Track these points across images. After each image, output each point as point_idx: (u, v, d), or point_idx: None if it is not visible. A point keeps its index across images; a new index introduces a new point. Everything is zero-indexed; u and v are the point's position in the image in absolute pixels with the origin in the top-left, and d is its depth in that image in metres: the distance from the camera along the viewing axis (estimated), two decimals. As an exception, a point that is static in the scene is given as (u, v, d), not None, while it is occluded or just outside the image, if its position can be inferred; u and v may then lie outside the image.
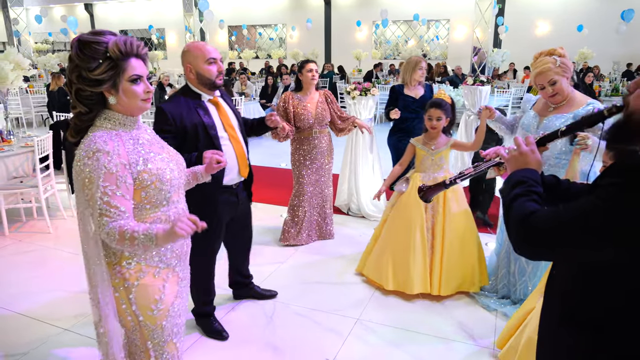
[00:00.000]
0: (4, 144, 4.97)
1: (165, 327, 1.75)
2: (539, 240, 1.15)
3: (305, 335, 2.99)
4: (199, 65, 2.58)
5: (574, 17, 15.38)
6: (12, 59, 5.15)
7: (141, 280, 1.69)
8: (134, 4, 22.25)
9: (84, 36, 1.58)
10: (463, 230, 3.32)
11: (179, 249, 1.80)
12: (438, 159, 3.37)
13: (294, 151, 4.18)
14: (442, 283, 3.29)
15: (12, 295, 3.48)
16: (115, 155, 1.56)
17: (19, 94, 10.80)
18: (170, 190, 1.70)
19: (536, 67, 2.83)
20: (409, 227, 3.33)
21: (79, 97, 1.60)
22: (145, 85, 1.65)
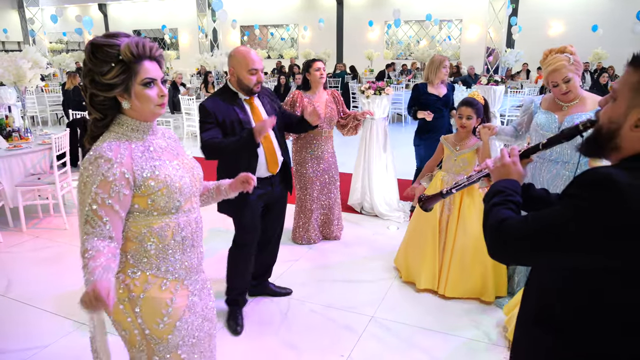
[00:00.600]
0: (22, 141, 5.05)
1: (171, 340, 1.65)
2: (510, 246, 1.21)
3: (320, 332, 3.00)
4: (241, 73, 2.77)
5: (589, 17, 15.23)
6: (30, 58, 5.23)
7: (147, 293, 1.60)
8: (147, 4, 22.42)
9: (97, 39, 1.53)
10: (478, 236, 3.22)
11: (188, 260, 1.70)
12: (460, 161, 3.33)
13: (299, 150, 4.15)
14: (448, 284, 3.32)
15: (32, 290, 3.54)
16: (116, 163, 1.50)
17: (35, 93, 10.95)
18: (179, 199, 1.62)
19: (549, 64, 2.80)
20: (423, 224, 3.43)
21: (93, 103, 1.56)
22: (159, 89, 1.58)
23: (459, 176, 3.32)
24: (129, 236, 1.59)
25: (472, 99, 3.32)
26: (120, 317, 1.61)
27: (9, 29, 21.27)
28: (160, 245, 1.61)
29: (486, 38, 14.47)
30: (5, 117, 5.41)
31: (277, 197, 3.12)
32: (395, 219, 4.86)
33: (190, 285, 1.71)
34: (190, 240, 1.69)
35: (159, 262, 1.62)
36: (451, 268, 3.31)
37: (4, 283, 3.65)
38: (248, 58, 2.75)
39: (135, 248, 1.60)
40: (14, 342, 2.93)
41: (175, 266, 1.66)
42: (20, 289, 3.57)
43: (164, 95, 1.60)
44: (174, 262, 1.65)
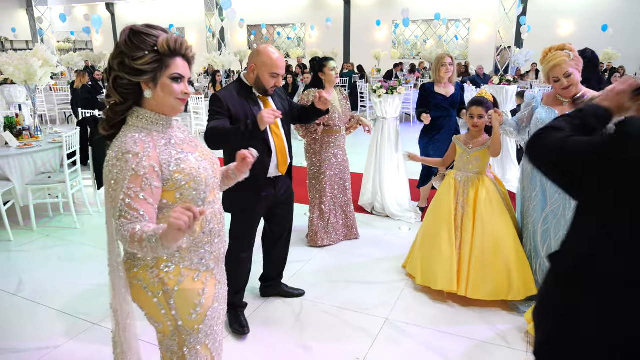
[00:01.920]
0: (32, 140, 5.04)
1: (202, 330, 1.70)
2: (550, 149, 1.29)
3: (334, 334, 2.97)
4: (263, 73, 2.73)
5: (599, 17, 15.10)
6: (40, 56, 5.22)
7: (180, 285, 1.63)
8: (155, 4, 22.46)
9: (136, 26, 1.55)
10: (497, 235, 3.16)
11: (216, 250, 1.74)
12: (474, 159, 3.30)
13: (317, 152, 4.10)
14: (469, 285, 3.18)
15: (43, 289, 3.52)
16: (145, 157, 1.51)
17: (44, 92, 10.97)
18: (205, 190, 1.64)
19: (550, 60, 2.87)
20: (437, 223, 3.36)
21: (115, 85, 1.56)
22: (184, 86, 1.61)
23: (471, 174, 3.31)
24: None
25: (482, 97, 3.31)
26: (153, 310, 1.65)
27: (18, 28, 21.38)
28: (192, 239, 1.64)
29: (496, 38, 14.37)
30: (16, 116, 5.40)
31: (282, 199, 3.05)
32: (407, 220, 4.82)
33: (218, 274, 1.78)
34: (217, 231, 1.73)
35: (192, 255, 1.65)
36: (471, 268, 3.18)
37: (15, 282, 3.64)
38: (274, 61, 2.71)
39: None
40: (26, 341, 2.91)
41: (205, 257, 1.69)
42: (31, 288, 3.55)
43: (188, 93, 1.62)
44: (204, 253, 1.69)
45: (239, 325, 2.97)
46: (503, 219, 3.21)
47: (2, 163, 4.47)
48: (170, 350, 1.73)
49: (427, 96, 4.48)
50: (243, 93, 2.78)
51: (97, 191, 5.24)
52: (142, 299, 1.65)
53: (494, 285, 3.13)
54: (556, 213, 2.99)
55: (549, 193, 3.01)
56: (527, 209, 3.17)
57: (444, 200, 3.34)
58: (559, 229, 2.99)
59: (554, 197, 2.99)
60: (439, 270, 3.25)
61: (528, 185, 3.16)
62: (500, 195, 3.29)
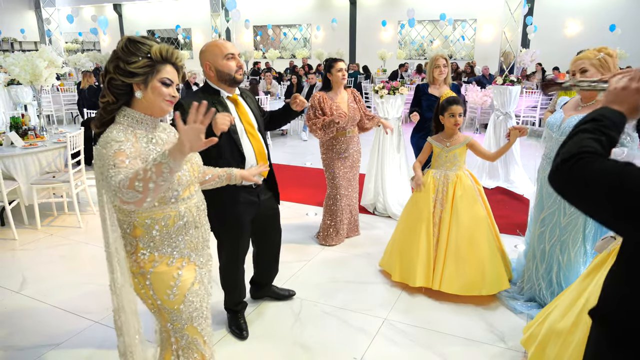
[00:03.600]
0: (37, 139, 5.09)
1: (183, 310, 1.83)
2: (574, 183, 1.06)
3: (333, 334, 2.98)
4: (218, 62, 2.57)
5: (606, 17, 14.99)
6: (46, 57, 5.27)
7: (155, 269, 1.79)
8: (161, 5, 22.56)
9: (134, 36, 1.73)
10: (472, 229, 3.27)
11: (194, 240, 1.87)
12: (452, 157, 3.39)
13: (326, 151, 4.13)
14: (443, 279, 3.26)
15: (45, 287, 3.56)
16: (128, 143, 1.66)
17: (50, 92, 11.06)
18: (178, 189, 1.77)
19: (579, 55, 2.84)
20: (415, 221, 3.41)
21: (109, 86, 1.72)
22: (173, 90, 1.77)
23: (450, 171, 3.39)
24: (137, 224, 1.77)
25: (456, 97, 3.43)
26: (136, 288, 1.83)
27: (26, 29, 21.56)
28: (165, 231, 1.79)
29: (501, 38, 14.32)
30: (22, 116, 5.46)
31: (267, 209, 2.90)
32: (409, 220, 4.81)
33: (197, 260, 1.90)
34: (192, 223, 1.85)
35: (164, 245, 1.80)
36: (446, 263, 3.27)
37: (19, 280, 3.68)
38: (221, 45, 2.58)
39: (142, 234, 1.77)
40: (28, 339, 2.94)
41: (180, 246, 1.84)
42: (34, 286, 3.59)
43: (175, 96, 1.79)
44: (179, 243, 1.83)
45: (236, 328, 2.97)
46: (478, 215, 3.32)
47: (8, 162, 4.53)
48: (157, 324, 1.93)
49: (420, 97, 4.49)
50: (209, 97, 2.55)
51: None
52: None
53: (468, 279, 3.22)
54: (551, 219, 2.99)
55: (545, 196, 3.02)
56: (533, 211, 3.18)
57: (422, 199, 3.42)
58: (553, 235, 3.00)
59: (549, 202, 3.00)
60: (418, 267, 3.32)
61: (537, 187, 3.20)
62: (475, 191, 3.38)
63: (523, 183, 5.96)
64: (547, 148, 3.04)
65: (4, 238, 4.51)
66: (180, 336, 1.88)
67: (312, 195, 5.62)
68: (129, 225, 1.78)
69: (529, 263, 3.23)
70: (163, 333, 1.93)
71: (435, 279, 3.30)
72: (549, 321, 2.47)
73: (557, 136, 2.91)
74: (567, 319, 2.36)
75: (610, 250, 2.32)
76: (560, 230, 2.95)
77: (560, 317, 2.41)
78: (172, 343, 1.90)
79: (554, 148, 2.96)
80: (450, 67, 4.53)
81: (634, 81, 1.18)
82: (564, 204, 2.90)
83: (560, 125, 2.90)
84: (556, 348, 2.37)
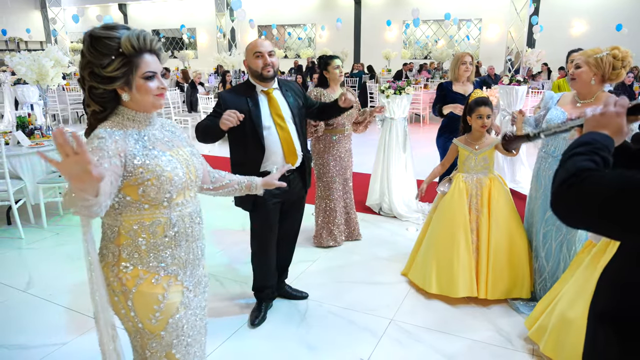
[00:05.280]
0: (44, 139, 5.11)
1: (164, 337, 1.65)
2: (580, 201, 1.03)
3: (339, 334, 2.97)
4: (249, 60, 2.82)
5: (613, 16, 14.91)
6: (52, 56, 5.29)
7: (139, 287, 1.60)
8: (166, 4, 22.61)
9: (95, 31, 1.52)
10: (510, 232, 3.18)
11: (184, 255, 1.69)
12: (482, 159, 3.27)
13: (320, 151, 4.08)
14: (489, 286, 3.16)
15: (52, 286, 3.57)
16: (111, 141, 1.51)
17: (57, 92, 11.10)
18: (170, 191, 1.60)
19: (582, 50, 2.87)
20: (452, 229, 3.23)
21: (92, 96, 1.56)
22: (159, 82, 1.60)
23: (481, 174, 3.28)
24: (122, 231, 1.60)
25: (485, 97, 3.27)
26: (115, 307, 1.63)
27: (32, 28, 21.65)
28: (152, 241, 1.62)
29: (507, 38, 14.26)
30: (28, 115, 5.48)
31: (295, 195, 3.07)
32: (414, 220, 4.80)
33: (185, 280, 1.70)
34: (184, 235, 1.68)
35: (150, 257, 1.62)
36: (489, 269, 3.16)
37: (25, 279, 3.69)
38: (253, 44, 2.82)
39: (127, 243, 1.60)
40: (35, 338, 2.95)
41: (167, 262, 1.65)
42: (41, 285, 3.60)
43: (163, 87, 1.62)
44: (166, 257, 1.64)
45: (254, 314, 3.09)
46: (514, 217, 3.24)
47: (14, 162, 4.54)
48: (135, 349, 1.72)
49: (445, 95, 4.43)
50: (244, 90, 2.85)
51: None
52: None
53: (509, 284, 3.16)
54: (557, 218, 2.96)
55: (549, 195, 2.99)
56: (533, 208, 3.16)
57: (456, 205, 3.24)
58: (559, 233, 2.98)
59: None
60: (461, 278, 3.17)
61: (534, 185, 3.17)
62: (509, 194, 3.30)
63: (529, 183, 5.92)
64: (551, 146, 3.01)
65: (11, 237, 4.53)
66: None
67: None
68: (113, 231, 1.61)
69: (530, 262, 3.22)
70: (137, 356, 1.73)
71: (480, 287, 3.17)
72: (558, 311, 2.48)
73: (564, 134, 2.88)
74: (577, 308, 2.38)
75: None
76: (566, 229, 2.94)
77: (569, 305, 2.43)
78: None
79: (559, 146, 2.94)
80: (474, 65, 4.49)
81: (609, 106, 1.21)
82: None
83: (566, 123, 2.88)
84: (570, 337, 2.38)
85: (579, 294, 2.40)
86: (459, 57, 4.37)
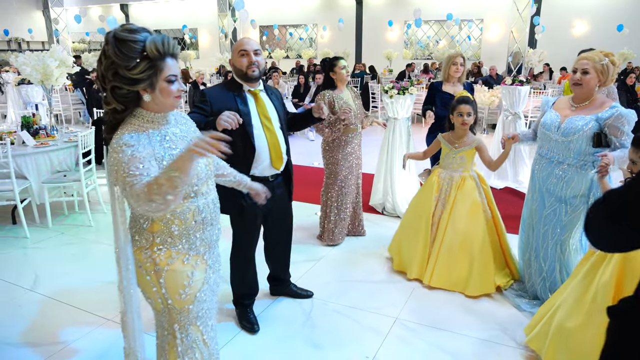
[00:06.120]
0: (49, 139, 5.12)
1: (192, 310, 1.82)
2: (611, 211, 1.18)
3: (344, 333, 2.99)
4: (234, 58, 2.75)
5: (614, 17, 14.91)
6: (57, 57, 5.31)
7: (171, 266, 1.76)
8: (168, 4, 22.63)
9: (119, 33, 1.58)
10: (467, 233, 3.36)
11: (208, 237, 1.87)
12: (459, 158, 3.43)
13: (333, 149, 4.11)
14: (434, 274, 3.45)
15: (58, 285, 3.59)
16: (141, 146, 1.62)
17: (59, 92, 11.12)
18: (197, 183, 1.76)
19: (585, 54, 2.85)
20: (417, 217, 3.57)
21: (115, 95, 1.63)
22: (179, 84, 1.71)
23: (455, 173, 3.45)
24: (155, 219, 1.74)
25: (467, 96, 3.48)
26: (146, 287, 1.79)
27: (34, 29, 21.68)
28: (183, 227, 1.78)
29: (509, 38, 14.27)
30: (33, 115, 5.50)
31: (280, 201, 2.95)
32: (418, 220, 4.82)
33: (209, 259, 1.90)
34: (209, 219, 1.86)
35: (182, 241, 1.79)
36: (438, 260, 3.44)
37: (32, 278, 3.71)
38: (238, 42, 2.75)
39: (160, 230, 1.76)
40: (41, 336, 2.97)
41: (196, 243, 1.83)
42: (47, 284, 3.62)
43: (183, 89, 1.75)
44: (195, 240, 1.82)
45: (247, 322, 3.01)
46: (475, 219, 3.39)
47: (20, 162, 4.56)
48: (161, 326, 1.87)
49: (434, 94, 4.48)
50: (232, 89, 2.75)
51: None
52: (137, 276, 1.80)
53: (454, 278, 3.41)
54: (552, 217, 3.01)
55: (546, 196, 3.03)
56: (532, 210, 3.18)
57: (425, 197, 3.54)
58: (555, 233, 3.01)
59: (550, 201, 3.01)
60: (415, 261, 3.54)
61: (530, 186, 3.22)
62: (478, 195, 3.42)
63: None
64: (544, 148, 3.04)
65: (16, 236, 4.55)
66: (185, 336, 1.86)
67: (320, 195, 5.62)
68: (147, 220, 1.75)
69: (529, 262, 3.25)
70: (169, 336, 1.87)
71: (426, 273, 3.48)
72: (557, 320, 2.50)
73: (556, 137, 2.92)
74: (576, 317, 2.40)
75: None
76: (561, 229, 2.98)
77: (568, 315, 2.44)
78: (177, 345, 1.86)
79: (553, 149, 2.96)
80: (466, 67, 4.51)
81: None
82: (566, 202, 2.93)
83: (559, 126, 2.90)
84: (571, 346, 2.39)
85: (578, 303, 2.42)
86: (450, 57, 4.40)
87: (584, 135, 2.79)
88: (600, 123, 2.77)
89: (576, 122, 2.82)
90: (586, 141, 2.80)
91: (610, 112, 2.75)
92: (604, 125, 2.77)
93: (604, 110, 2.78)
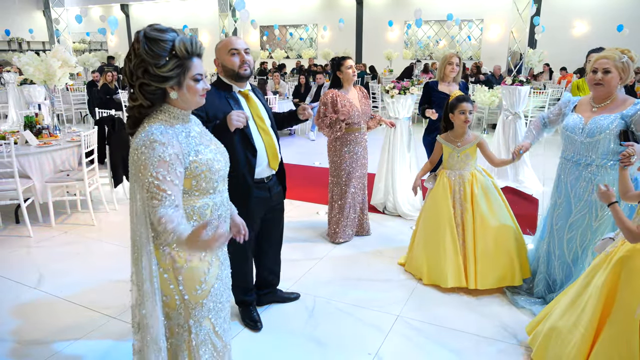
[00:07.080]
0: (51, 138, 5.15)
1: (205, 304, 1.87)
2: None
3: (347, 330, 3.01)
4: (223, 57, 2.67)
5: (614, 17, 14.92)
6: (59, 57, 5.34)
7: (190, 263, 1.81)
8: (169, 5, 22.65)
9: (150, 32, 1.64)
10: (495, 223, 3.34)
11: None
12: (464, 156, 3.42)
13: (337, 147, 4.13)
14: (477, 277, 3.33)
15: (62, 283, 3.61)
16: (170, 146, 1.66)
17: (61, 92, 11.14)
18: (217, 180, 1.83)
19: (603, 52, 2.84)
20: (438, 223, 3.44)
21: (142, 91, 1.68)
22: (204, 83, 1.76)
23: (464, 171, 3.43)
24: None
25: (465, 95, 3.48)
26: (163, 284, 1.81)
27: (35, 29, 21.70)
28: (201, 223, 1.74)
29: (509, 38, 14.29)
30: (35, 115, 5.52)
31: (275, 201, 2.96)
32: (419, 219, 4.84)
33: (221, 256, 1.96)
34: (224, 217, 1.92)
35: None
36: (478, 262, 3.34)
37: (36, 276, 3.74)
38: (228, 41, 2.67)
39: None
40: (46, 334, 2.99)
41: None
42: (51, 282, 3.65)
43: (207, 88, 1.80)
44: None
45: (250, 320, 3.03)
46: (500, 209, 3.38)
47: (23, 161, 4.58)
48: (177, 323, 1.89)
49: (429, 94, 4.49)
50: (223, 91, 2.68)
51: (113, 189, 5.35)
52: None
53: (499, 273, 3.31)
54: (581, 222, 2.98)
55: (573, 202, 3.01)
56: (555, 215, 3.15)
57: (441, 200, 3.44)
58: (584, 239, 2.99)
59: (578, 206, 2.98)
60: (448, 269, 3.37)
61: (555, 192, 3.18)
62: (492, 186, 3.44)
63: (532, 183, 5.97)
64: (569, 151, 3.01)
65: (19, 235, 4.58)
66: (199, 330, 1.89)
67: (322, 195, 5.64)
68: None
69: (541, 265, 3.24)
70: (184, 333, 1.89)
71: (469, 278, 3.34)
72: (550, 319, 2.54)
73: (581, 138, 2.89)
74: (567, 318, 2.43)
75: (608, 252, 2.35)
76: (591, 234, 2.95)
77: (561, 316, 2.47)
78: (192, 339, 1.89)
79: (579, 151, 2.93)
80: (461, 67, 4.54)
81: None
82: (596, 206, 2.90)
83: (583, 127, 2.88)
84: (556, 347, 2.42)
85: (571, 305, 2.44)
86: (446, 57, 4.43)
87: (611, 134, 2.76)
88: (626, 120, 2.75)
89: (601, 122, 2.80)
90: (613, 139, 2.77)
91: (635, 109, 2.75)
92: (630, 122, 2.75)
93: (628, 107, 2.77)
